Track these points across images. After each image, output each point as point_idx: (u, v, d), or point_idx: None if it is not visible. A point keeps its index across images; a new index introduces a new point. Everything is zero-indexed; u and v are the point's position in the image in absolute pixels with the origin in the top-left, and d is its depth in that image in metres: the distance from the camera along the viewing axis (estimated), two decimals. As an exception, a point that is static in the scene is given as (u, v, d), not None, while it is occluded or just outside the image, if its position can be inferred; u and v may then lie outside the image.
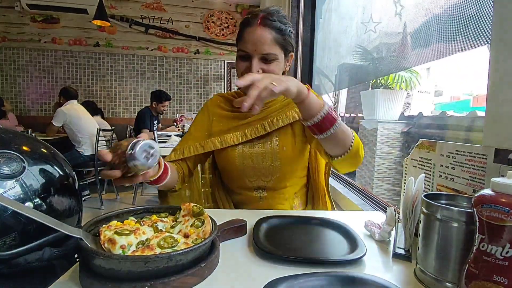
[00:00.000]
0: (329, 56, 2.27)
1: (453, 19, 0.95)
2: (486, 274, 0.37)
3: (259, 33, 0.82)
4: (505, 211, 0.34)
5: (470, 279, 0.39)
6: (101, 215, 0.56)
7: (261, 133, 0.91)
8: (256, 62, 0.83)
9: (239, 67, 0.87)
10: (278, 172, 0.91)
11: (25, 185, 0.53)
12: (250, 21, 0.84)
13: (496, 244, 0.36)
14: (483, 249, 0.37)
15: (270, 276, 0.46)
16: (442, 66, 1.79)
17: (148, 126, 3.59)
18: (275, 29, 0.83)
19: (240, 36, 0.86)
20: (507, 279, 0.35)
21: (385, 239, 0.64)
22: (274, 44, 0.83)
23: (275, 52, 0.84)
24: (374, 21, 1.64)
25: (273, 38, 0.83)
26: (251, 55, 0.83)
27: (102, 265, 0.43)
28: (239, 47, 0.86)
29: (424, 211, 0.49)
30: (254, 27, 0.83)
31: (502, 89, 0.56)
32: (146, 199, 3.79)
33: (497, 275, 0.35)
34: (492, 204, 0.36)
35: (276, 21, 0.84)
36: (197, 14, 4.42)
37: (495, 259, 0.36)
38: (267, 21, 0.83)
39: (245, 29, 0.84)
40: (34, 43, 4.06)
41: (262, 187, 0.93)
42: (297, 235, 0.66)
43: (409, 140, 2.12)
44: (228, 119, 0.96)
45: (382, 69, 1.85)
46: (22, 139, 0.61)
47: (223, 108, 0.99)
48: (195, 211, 0.58)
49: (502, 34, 0.57)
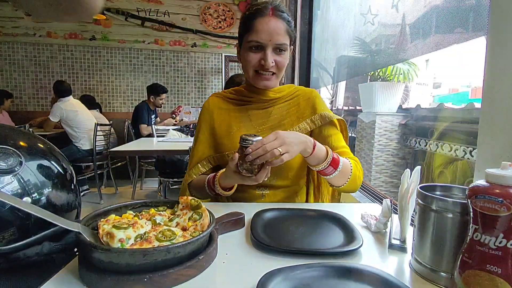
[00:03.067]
0: (327, 49, 2.26)
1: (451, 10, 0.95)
2: (479, 263, 0.37)
3: (274, 23, 0.82)
4: (499, 201, 0.35)
5: (463, 268, 0.39)
6: (99, 209, 0.57)
7: None
8: (270, 53, 0.83)
9: (250, 60, 0.85)
10: (282, 172, 0.90)
11: (22, 180, 0.53)
12: (261, 11, 0.83)
13: (490, 234, 0.36)
14: (477, 239, 0.38)
15: (268, 267, 0.47)
16: (441, 58, 1.79)
17: (146, 121, 3.58)
18: (285, 21, 0.85)
19: (249, 26, 0.85)
20: (500, 268, 0.36)
21: (381, 231, 0.65)
22: (286, 34, 0.85)
23: (287, 43, 0.85)
24: (373, 13, 1.63)
25: (285, 28, 0.84)
26: (265, 45, 0.83)
27: (101, 259, 0.44)
28: (249, 38, 0.84)
29: (419, 202, 0.49)
30: (267, 17, 0.83)
31: (498, 80, 0.56)
32: (145, 193, 3.80)
33: (490, 264, 0.36)
34: (485, 195, 0.36)
35: (285, 12, 0.85)
36: (193, 6, 4.37)
37: (489, 248, 0.36)
38: (278, 12, 0.84)
39: (257, 20, 0.83)
40: (29, 37, 4.00)
41: (264, 185, 0.92)
42: (294, 227, 0.66)
43: (407, 132, 2.12)
44: (230, 121, 0.93)
45: (380, 61, 1.84)
46: (18, 134, 0.60)
47: (222, 108, 0.96)
48: (192, 205, 0.59)
49: (499, 25, 0.56)
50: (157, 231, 0.50)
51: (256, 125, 0.93)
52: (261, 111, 0.94)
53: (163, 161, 2.64)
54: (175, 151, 2.27)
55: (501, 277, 0.35)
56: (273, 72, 0.87)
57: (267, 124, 0.92)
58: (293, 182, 0.93)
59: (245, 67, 0.89)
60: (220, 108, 0.97)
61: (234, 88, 1.00)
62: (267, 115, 0.93)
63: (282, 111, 0.93)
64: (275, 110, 0.93)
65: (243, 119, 0.94)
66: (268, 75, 0.87)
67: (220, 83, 4.58)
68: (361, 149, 2.28)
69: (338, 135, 0.93)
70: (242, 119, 0.94)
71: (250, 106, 0.94)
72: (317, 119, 0.91)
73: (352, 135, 2.67)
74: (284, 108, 0.94)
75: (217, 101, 0.98)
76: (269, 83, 0.89)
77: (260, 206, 0.76)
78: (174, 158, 2.59)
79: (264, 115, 0.93)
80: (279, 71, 0.88)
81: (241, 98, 0.96)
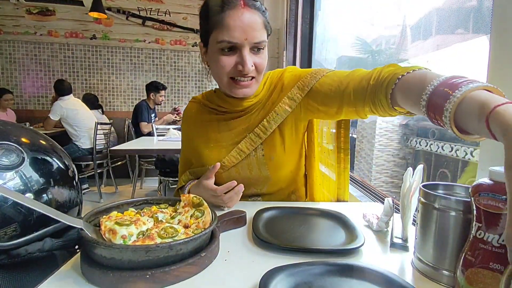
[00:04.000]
0: (328, 49, 2.26)
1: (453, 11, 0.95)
2: (482, 261, 0.37)
3: (248, 17, 0.66)
4: (502, 199, 0.35)
5: (466, 266, 0.39)
6: (101, 206, 0.57)
7: (258, 143, 0.80)
8: (248, 54, 0.68)
9: (223, 65, 0.70)
10: (270, 179, 0.84)
11: (24, 176, 0.53)
12: (231, 1, 0.66)
13: (493, 232, 0.36)
14: (480, 237, 0.38)
15: (270, 265, 0.47)
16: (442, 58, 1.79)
17: (146, 119, 3.58)
18: (260, 11, 0.69)
19: (217, 22, 0.67)
20: (503, 266, 0.35)
21: (383, 230, 0.65)
22: (263, 28, 0.70)
23: (265, 39, 0.71)
24: (374, 14, 1.63)
25: (261, 22, 0.69)
26: (240, 45, 0.67)
27: (104, 255, 0.44)
28: (219, 37, 0.67)
29: (422, 201, 0.49)
30: (239, 10, 0.66)
31: (501, 79, 0.56)
32: (145, 192, 3.80)
33: (493, 262, 0.36)
34: (489, 193, 0.36)
35: (258, 0, 0.70)
36: (194, 6, 4.37)
37: (492, 246, 0.36)
38: (251, 1, 0.68)
39: (226, 13, 0.66)
40: (30, 36, 4.00)
41: (256, 194, 0.88)
42: (296, 226, 0.66)
43: (407, 132, 2.12)
44: (208, 133, 0.85)
45: (381, 61, 1.84)
46: (21, 130, 0.60)
47: (200, 119, 0.87)
48: (194, 202, 0.59)
49: (503, 25, 0.56)
50: (159, 228, 0.50)
51: (236, 133, 0.83)
52: (240, 118, 0.83)
53: (163, 160, 2.64)
54: (175, 150, 2.26)
55: None
56: (252, 77, 0.73)
57: (251, 129, 0.81)
58: (286, 183, 0.89)
59: (216, 74, 0.74)
60: (196, 118, 0.88)
61: (208, 93, 0.89)
62: (247, 121, 0.82)
63: (261, 113, 0.82)
64: (253, 116, 0.82)
65: (222, 129, 0.84)
66: (247, 81, 0.72)
67: (220, 83, 4.58)
68: (362, 149, 2.28)
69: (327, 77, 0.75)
70: (220, 128, 0.84)
71: (228, 115, 0.83)
72: (295, 93, 0.78)
73: (352, 135, 2.67)
74: (262, 110, 0.83)
75: (194, 109, 0.90)
76: (249, 91, 0.74)
77: (261, 205, 0.76)
78: (174, 157, 2.59)
79: (245, 121, 0.82)
80: (258, 74, 0.73)
81: (217, 108, 0.85)
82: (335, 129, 0.91)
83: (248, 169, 0.83)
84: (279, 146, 0.81)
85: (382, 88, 0.58)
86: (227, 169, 0.83)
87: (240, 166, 0.83)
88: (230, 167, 0.83)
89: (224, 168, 0.82)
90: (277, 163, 0.82)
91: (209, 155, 0.84)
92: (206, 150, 0.84)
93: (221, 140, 0.83)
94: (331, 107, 0.73)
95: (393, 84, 0.55)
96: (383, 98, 0.58)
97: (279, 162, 0.82)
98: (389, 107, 0.58)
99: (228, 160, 0.82)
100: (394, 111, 0.59)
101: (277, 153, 0.81)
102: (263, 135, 0.80)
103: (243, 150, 0.81)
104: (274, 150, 0.81)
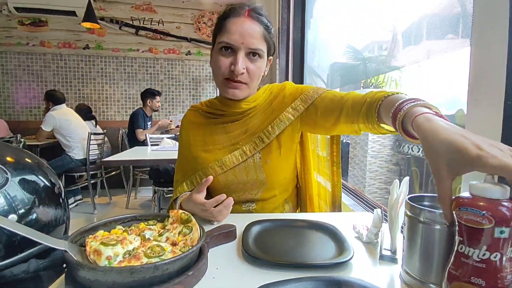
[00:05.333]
0: (320, 56, 2.29)
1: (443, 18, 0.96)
2: (464, 275, 0.37)
3: (248, 25, 0.75)
4: (481, 214, 0.35)
5: (450, 280, 0.40)
6: (87, 225, 0.56)
7: (260, 147, 0.85)
8: (242, 57, 0.75)
9: (220, 64, 0.77)
10: (265, 184, 0.87)
11: (8, 196, 0.53)
12: (236, 11, 0.76)
13: (474, 247, 0.36)
14: (462, 251, 0.38)
15: (259, 281, 0.46)
16: (432, 65, 1.82)
17: (142, 126, 3.58)
18: (263, 24, 0.78)
19: (221, 27, 0.77)
20: (484, 281, 0.36)
21: (373, 241, 0.65)
22: (262, 39, 0.77)
23: (262, 49, 0.77)
24: (365, 21, 1.65)
25: (262, 32, 0.77)
26: (236, 48, 0.75)
27: (87, 277, 0.43)
28: (220, 39, 0.76)
29: (407, 214, 0.49)
30: (242, 18, 0.76)
31: (482, 91, 0.57)
32: (140, 202, 3.77)
33: (474, 276, 0.36)
34: (468, 207, 0.37)
35: (263, 16, 0.79)
36: (187, 15, 4.40)
37: (473, 261, 0.37)
38: (254, 14, 0.77)
39: (230, 20, 0.76)
40: (22, 47, 3.99)
41: (250, 200, 0.90)
42: (286, 239, 0.66)
43: (399, 138, 2.14)
44: (205, 136, 0.89)
45: (372, 69, 1.87)
46: (5, 149, 0.60)
47: (197, 123, 0.92)
48: (183, 218, 0.59)
49: (482, 33, 0.58)
50: (146, 247, 0.50)
51: (232, 137, 0.87)
52: (237, 122, 0.88)
53: (157, 170, 2.62)
54: (169, 160, 2.25)
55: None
56: (243, 82, 0.79)
57: (247, 133, 0.87)
58: (280, 190, 0.91)
59: (214, 73, 0.81)
60: (194, 122, 0.92)
61: (210, 100, 0.95)
62: (244, 125, 0.87)
63: (259, 118, 0.87)
64: (252, 120, 0.87)
65: (218, 132, 0.88)
66: (238, 84, 0.79)
67: (214, 91, 4.59)
68: (355, 155, 2.29)
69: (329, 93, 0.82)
70: (217, 131, 0.88)
71: (225, 119, 0.88)
72: (298, 104, 0.84)
73: (346, 141, 2.69)
74: (261, 115, 0.88)
75: (192, 115, 0.94)
76: (239, 92, 0.80)
77: (252, 217, 0.75)
78: (168, 167, 2.57)
79: (242, 125, 0.87)
80: (251, 80, 0.79)
81: (214, 111, 0.90)
82: (329, 145, 0.97)
83: (245, 172, 0.87)
84: (275, 150, 0.86)
85: (373, 105, 0.65)
86: (226, 170, 0.86)
87: (237, 169, 0.86)
88: (230, 167, 0.86)
89: (224, 168, 0.86)
90: (273, 167, 0.86)
91: (206, 157, 0.87)
92: (203, 153, 0.88)
93: (218, 143, 0.88)
94: (328, 120, 0.80)
95: (380, 101, 0.64)
96: (374, 113, 0.65)
97: (274, 166, 0.86)
98: (377, 123, 0.66)
99: (229, 159, 0.86)
100: (382, 128, 0.67)
101: (273, 157, 0.86)
102: (267, 139, 0.85)
103: (245, 152, 0.86)
104: (270, 154, 0.86)
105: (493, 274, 0.35)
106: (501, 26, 0.52)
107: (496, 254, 0.35)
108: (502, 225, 0.35)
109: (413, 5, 1.22)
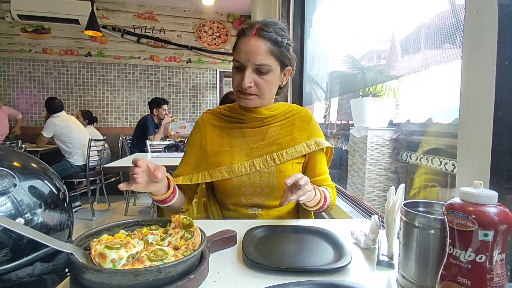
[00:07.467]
0: (320, 64, 2.32)
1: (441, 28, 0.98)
2: (453, 276, 0.40)
3: (253, 43, 0.81)
4: (466, 217, 0.38)
5: (441, 281, 0.42)
6: (91, 229, 0.57)
7: (270, 165, 0.90)
8: (249, 73, 0.82)
9: (234, 79, 0.87)
10: (275, 190, 0.90)
11: (16, 201, 0.54)
12: (246, 31, 0.84)
13: (461, 248, 0.39)
14: (451, 253, 0.41)
15: (258, 285, 0.48)
16: (430, 74, 1.84)
17: (153, 133, 3.60)
18: (270, 40, 0.83)
19: (234, 46, 0.87)
20: (470, 281, 0.38)
21: (370, 247, 0.66)
22: (269, 55, 0.83)
23: (269, 64, 0.83)
24: (363, 31, 1.69)
25: (267, 49, 0.82)
26: (245, 65, 0.83)
27: (92, 279, 0.44)
28: (233, 57, 0.86)
29: (403, 219, 0.51)
30: (249, 38, 0.82)
31: (473, 102, 0.59)
32: (139, 209, 3.76)
33: (461, 277, 0.39)
34: (455, 211, 0.39)
35: (272, 32, 0.83)
36: (189, 23, 4.47)
37: (460, 262, 0.39)
38: (262, 32, 0.82)
39: (240, 40, 0.84)
40: (25, 53, 4.04)
41: (257, 205, 0.92)
42: (286, 245, 0.67)
43: (398, 146, 2.16)
44: (223, 138, 0.94)
45: (370, 78, 1.90)
46: (12, 154, 0.61)
47: (216, 125, 0.96)
48: (184, 223, 0.60)
49: (472, 47, 0.60)
50: (149, 251, 0.51)
51: (250, 142, 0.92)
52: (256, 129, 0.93)
53: (157, 176, 2.62)
54: (170, 167, 2.26)
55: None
56: (253, 94, 0.86)
57: (263, 141, 0.92)
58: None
59: (232, 85, 0.90)
60: (213, 124, 0.96)
61: (228, 105, 0.99)
62: (262, 133, 0.93)
63: (278, 129, 0.93)
64: (271, 129, 0.93)
65: (236, 135, 0.93)
66: (248, 95, 0.86)
67: (214, 98, 4.63)
68: (354, 163, 2.30)
69: (324, 161, 0.98)
70: (235, 135, 0.93)
71: (244, 124, 0.94)
72: (312, 144, 0.93)
73: (345, 149, 2.71)
74: (279, 127, 0.94)
75: (210, 118, 0.98)
76: (250, 102, 0.87)
77: (252, 223, 0.77)
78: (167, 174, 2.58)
79: (259, 132, 0.93)
80: (261, 92, 0.86)
81: (235, 116, 0.95)
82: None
83: (259, 177, 0.90)
84: (289, 162, 0.91)
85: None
86: (232, 176, 0.89)
87: (252, 174, 0.90)
88: (238, 175, 0.89)
89: (231, 174, 0.89)
90: (286, 175, 0.89)
91: (220, 160, 0.91)
92: (218, 155, 0.92)
93: (235, 145, 0.92)
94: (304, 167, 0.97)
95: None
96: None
97: (287, 175, 0.88)
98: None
99: (238, 168, 0.89)
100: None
101: (287, 167, 0.91)
102: (278, 161, 0.90)
103: (255, 166, 0.90)
104: (285, 164, 0.91)
105: (479, 276, 0.38)
106: (491, 39, 0.55)
107: (481, 256, 0.38)
108: (485, 228, 0.37)
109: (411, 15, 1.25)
